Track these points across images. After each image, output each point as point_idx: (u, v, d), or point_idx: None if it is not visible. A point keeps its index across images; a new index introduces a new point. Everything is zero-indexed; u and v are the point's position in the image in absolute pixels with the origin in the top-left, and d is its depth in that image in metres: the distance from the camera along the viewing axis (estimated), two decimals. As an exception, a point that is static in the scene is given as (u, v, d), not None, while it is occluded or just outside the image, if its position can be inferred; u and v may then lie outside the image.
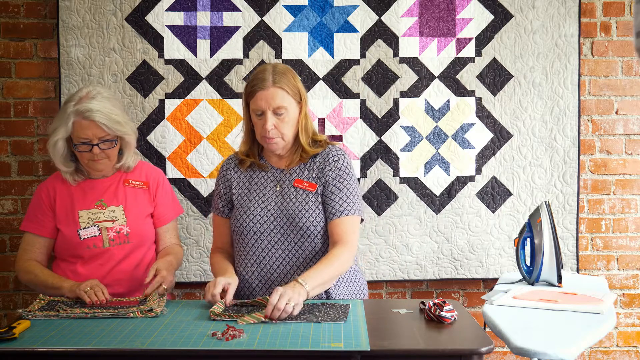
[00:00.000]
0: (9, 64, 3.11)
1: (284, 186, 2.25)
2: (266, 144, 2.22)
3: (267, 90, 2.16)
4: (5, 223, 3.15)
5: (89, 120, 2.28)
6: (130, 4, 3.05)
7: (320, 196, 2.23)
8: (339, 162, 2.25)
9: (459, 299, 3.23)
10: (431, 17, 3.10)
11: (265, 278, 2.23)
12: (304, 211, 2.20)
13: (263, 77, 2.19)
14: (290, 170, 2.27)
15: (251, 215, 2.24)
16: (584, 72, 3.19)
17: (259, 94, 2.17)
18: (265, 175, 2.28)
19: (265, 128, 2.16)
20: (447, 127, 3.12)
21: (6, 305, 3.17)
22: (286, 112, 2.18)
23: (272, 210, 2.23)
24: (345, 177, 2.24)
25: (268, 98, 2.16)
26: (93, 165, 2.36)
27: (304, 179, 2.24)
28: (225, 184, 2.33)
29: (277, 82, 2.17)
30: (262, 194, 2.26)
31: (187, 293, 3.19)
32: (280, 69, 2.22)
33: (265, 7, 3.08)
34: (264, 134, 2.19)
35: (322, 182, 2.23)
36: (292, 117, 2.20)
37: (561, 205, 3.14)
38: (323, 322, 1.89)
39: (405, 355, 1.71)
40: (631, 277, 3.26)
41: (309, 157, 2.26)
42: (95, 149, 2.31)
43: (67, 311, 2.01)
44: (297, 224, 2.20)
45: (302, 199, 2.22)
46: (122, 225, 2.37)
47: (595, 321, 2.08)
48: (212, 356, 1.70)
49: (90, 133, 2.30)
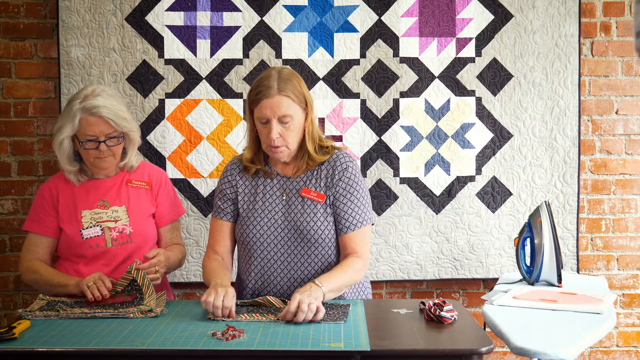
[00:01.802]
0: (9, 64, 3.11)
1: (291, 195, 2.20)
2: (271, 153, 2.17)
3: (272, 99, 2.10)
4: (5, 223, 3.15)
5: (96, 116, 2.29)
6: (130, 4, 3.05)
7: (330, 207, 2.19)
8: (348, 171, 2.20)
9: (459, 299, 3.23)
10: (431, 17, 3.10)
11: (270, 288, 2.20)
12: (312, 223, 2.16)
13: (268, 84, 2.12)
14: (297, 178, 2.21)
15: (257, 225, 2.18)
16: (584, 72, 3.19)
17: (264, 102, 2.11)
18: (271, 182, 2.23)
19: (270, 137, 2.11)
20: (447, 127, 3.12)
21: (6, 305, 3.17)
22: (292, 120, 2.12)
23: (278, 220, 2.18)
24: (355, 187, 2.20)
25: (273, 106, 2.10)
26: (98, 163, 2.35)
27: (311, 189, 2.19)
28: (231, 188, 2.26)
29: (283, 90, 2.11)
30: (267, 203, 2.20)
31: (187, 293, 3.19)
32: (285, 74, 2.15)
33: (265, 7, 3.07)
34: (269, 143, 2.13)
35: (331, 192, 2.18)
36: (297, 124, 2.15)
37: (561, 205, 3.14)
38: (323, 322, 1.89)
39: (405, 355, 1.71)
40: (631, 277, 3.26)
41: (315, 165, 2.21)
42: (102, 146, 2.31)
43: (67, 311, 2.01)
44: (305, 236, 2.16)
45: (309, 210, 2.17)
46: (125, 225, 2.38)
47: (595, 321, 2.08)
48: (212, 356, 1.70)
49: (97, 130, 2.30)
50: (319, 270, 2.18)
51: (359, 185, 2.21)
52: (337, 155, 2.23)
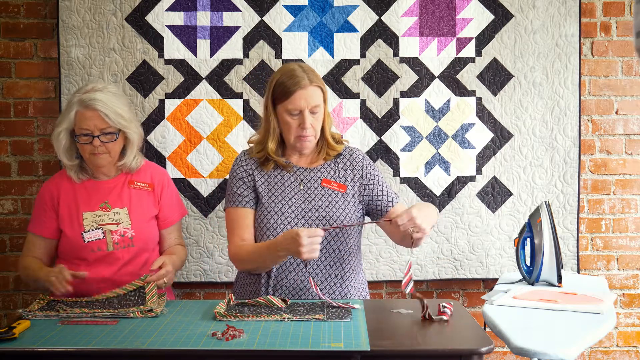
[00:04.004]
0: (9, 64, 3.11)
1: (309, 185, 2.25)
2: (300, 143, 2.21)
3: (306, 90, 2.16)
4: (5, 223, 3.14)
5: (91, 109, 2.29)
6: (130, 4, 3.05)
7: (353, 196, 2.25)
8: (366, 160, 2.32)
9: (459, 299, 3.23)
10: (431, 17, 3.10)
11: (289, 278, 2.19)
12: (334, 210, 2.21)
13: (298, 75, 2.17)
14: (314, 169, 2.27)
15: (277, 215, 2.20)
16: (584, 72, 3.19)
17: (299, 93, 2.15)
18: (287, 174, 2.26)
19: (304, 127, 2.17)
20: (448, 127, 3.12)
21: (6, 305, 3.17)
22: (319, 110, 2.20)
23: (298, 209, 2.21)
24: (381, 176, 2.32)
25: (307, 97, 2.16)
26: (93, 159, 2.35)
27: (331, 179, 2.25)
28: (248, 176, 2.25)
29: (313, 81, 2.19)
30: (285, 193, 2.23)
31: (187, 293, 3.19)
32: (307, 67, 2.24)
33: (265, 7, 3.07)
34: (300, 134, 2.18)
35: (357, 182, 2.26)
36: (322, 114, 2.23)
37: (562, 205, 3.13)
38: (330, 321, 1.88)
39: (405, 355, 1.71)
40: (631, 277, 3.26)
41: (334, 155, 2.28)
42: (95, 141, 2.31)
43: (67, 311, 2.01)
44: (327, 223, 2.19)
45: (331, 199, 2.22)
46: (127, 228, 2.37)
47: (595, 321, 2.08)
48: (212, 356, 1.70)
49: (92, 124, 2.30)
50: (340, 261, 2.22)
51: (380, 172, 2.34)
52: (349, 149, 2.33)
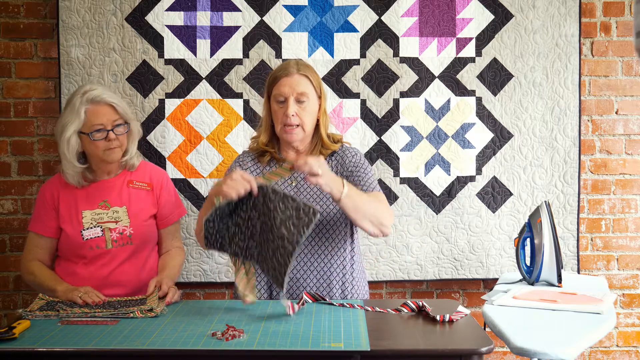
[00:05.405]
0: (9, 64, 3.11)
1: (301, 181, 2.26)
2: (286, 134, 2.22)
3: (291, 77, 2.21)
4: (5, 223, 3.14)
5: (100, 104, 2.33)
6: (130, 4, 3.05)
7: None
8: (357, 156, 2.31)
9: (459, 299, 3.23)
10: (431, 17, 3.10)
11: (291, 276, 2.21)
12: (324, 206, 2.21)
13: (288, 65, 2.25)
14: None
15: None
16: (584, 72, 3.19)
17: (283, 79, 2.21)
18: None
19: (287, 114, 2.18)
20: (448, 127, 3.12)
21: (6, 305, 3.17)
22: (307, 100, 2.21)
23: None
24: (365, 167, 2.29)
25: (292, 84, 2.20)
26: (108, 155, 2.35)
27: None
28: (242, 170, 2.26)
29: (302, 71, 2.24)
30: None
31: (187, 293, 3.19)
32: (302, 62, 2.30)
33: (265, 7, 3.07)
34: (285, 121, 2.20)
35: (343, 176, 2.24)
36: (312, 108, 2.23)
37: (562, 205, 3.13)
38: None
39: (405, 355, 1.71)
40: (631, 277, 3.26)
41: (328, 154, 2.28)
42: (110, 135, 2.33)
43: (67, 311, 2.01)
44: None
45: (322, 195, 2.23)
46: (125, 226, 2.38)
47: (595, 321, 2.08)
48: (212, 356, 1.70)
49: (105, 118, 2.33)
50: (332, 257, 2.22)
51: (368, 166, 2.32)
52: (345, 148, 2.33)
